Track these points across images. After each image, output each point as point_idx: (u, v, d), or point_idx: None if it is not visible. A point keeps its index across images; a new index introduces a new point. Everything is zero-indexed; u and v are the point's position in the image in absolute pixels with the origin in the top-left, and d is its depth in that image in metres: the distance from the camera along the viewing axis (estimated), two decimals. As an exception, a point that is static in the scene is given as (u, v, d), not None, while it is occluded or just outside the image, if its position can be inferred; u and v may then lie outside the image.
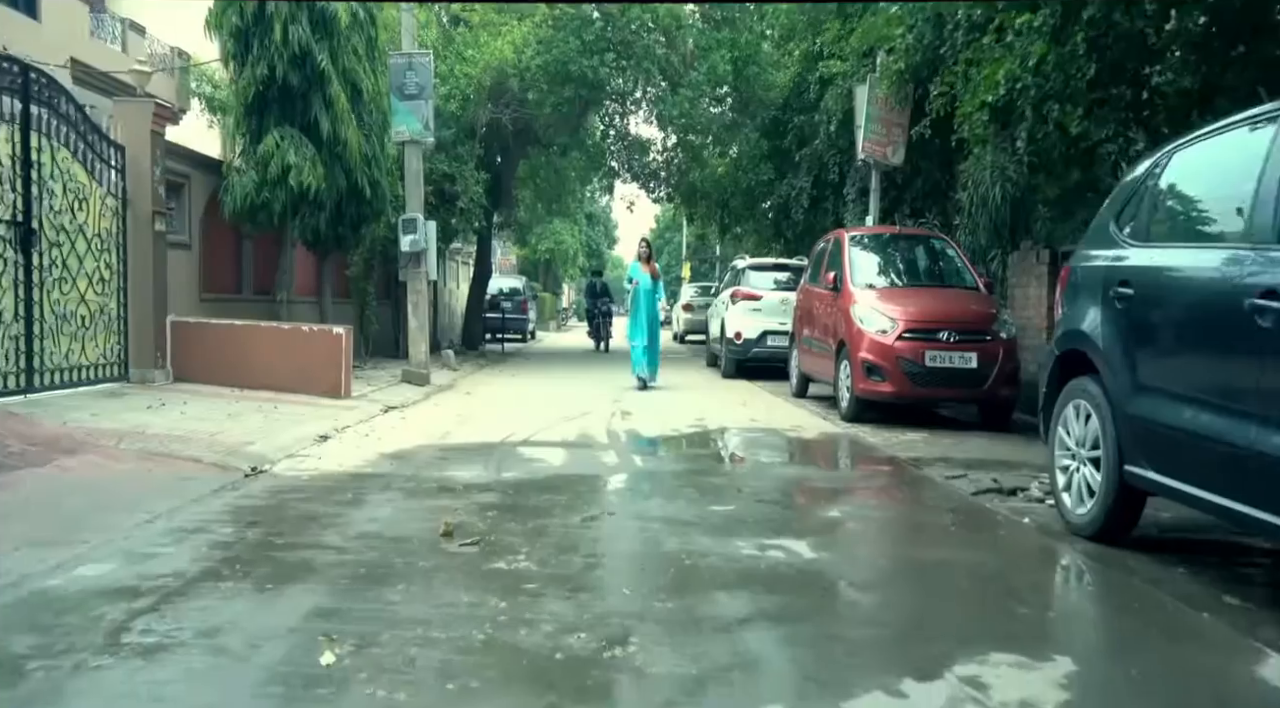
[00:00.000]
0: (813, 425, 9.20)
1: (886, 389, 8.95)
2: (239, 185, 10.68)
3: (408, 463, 6.54)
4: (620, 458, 6.98)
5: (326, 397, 9.79)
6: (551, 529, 4.62)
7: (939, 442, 8.12)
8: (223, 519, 4.69)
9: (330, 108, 11.04)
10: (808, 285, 11.88)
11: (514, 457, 6.93)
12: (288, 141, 10.71)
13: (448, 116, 16.76)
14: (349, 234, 12.84)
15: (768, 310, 15.06)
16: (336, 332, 9.87)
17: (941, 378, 8.83)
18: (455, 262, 28.42)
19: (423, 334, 13.12)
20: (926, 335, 8.91)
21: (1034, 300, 9.75)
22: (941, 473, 6.46)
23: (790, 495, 5.89)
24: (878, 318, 9.17)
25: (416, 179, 13.12)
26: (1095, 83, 8.46)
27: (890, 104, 15.23)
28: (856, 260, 10.25)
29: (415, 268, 13.10)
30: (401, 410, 9.86)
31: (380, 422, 8.81)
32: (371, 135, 12.45)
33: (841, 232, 11.09)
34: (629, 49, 17.70)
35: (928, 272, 10.38)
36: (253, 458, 6.26)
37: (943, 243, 10.60)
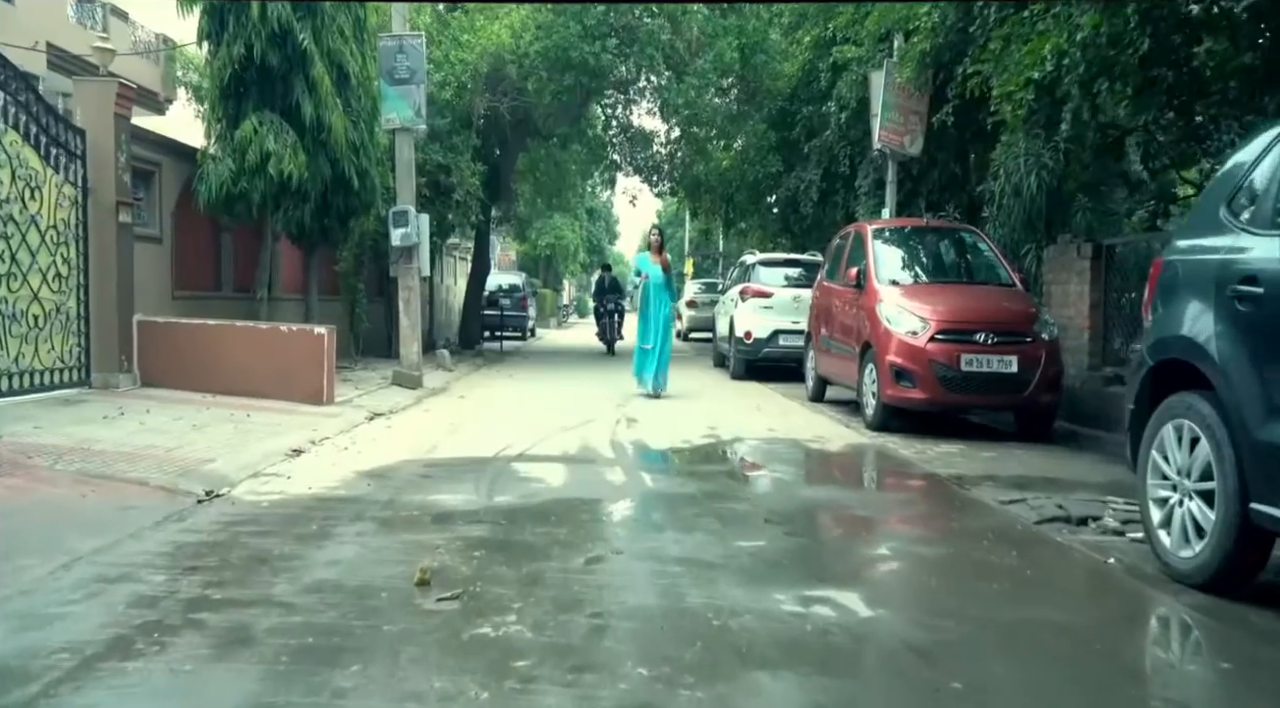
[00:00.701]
0: (836, 435, 8.43)
1: (917, 396, 8.17)
2: (214, 174, 9.90)
3: (387, 483, 5.76)
4: (627, 476, 6.21)
5: (307, 402, 9.02)
6: (549, 575, 3.84)
7: (978, 455, 7.34)
8: (155, 563, 3.91)
9: (313, 91, 10.25)
10: (825, 282, 11.09)
11: (508, 475, 6.16)
12: (267, 127, 9.93)
13: (442, 105, 15.98)
14: (336, 227, 12.06)
15: (779, 308, 14.29)
16: (318, 332, 9.09)
17: (978, 383, 8.05)
18: (453, 257, 27.65)
19: (415, 334, 12.35)
20: (961, 337, 8.14)
21: (1074, 298, 8.98)
22: (993, 496, 5.68)
23: (826, 526, 5.12)
24: (907, 318, 8.40)
25: (408, 169, 12.34)
26: (1147, 59, 7.67)
27: (909, 90, 14.47)
28: (881, 255, 9.47)
29: (407, 263, 12.32)
30: (388, 418, 9.09)
31: (363, 431, 8.04)
32: (360, 122, 11.66)
33: (864, 225, 10.31)
34: (632, 35, 16.91)
35: (959, 267, 9.59)
36: (210, 480, 5.48)
37: (974, 236, 9.81)
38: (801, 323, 13.88)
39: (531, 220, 35.84)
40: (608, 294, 21.10)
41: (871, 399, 8.73)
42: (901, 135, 14.62)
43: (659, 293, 11.67)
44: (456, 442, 7.61)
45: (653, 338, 11.51)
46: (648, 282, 11.67)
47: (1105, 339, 8.84)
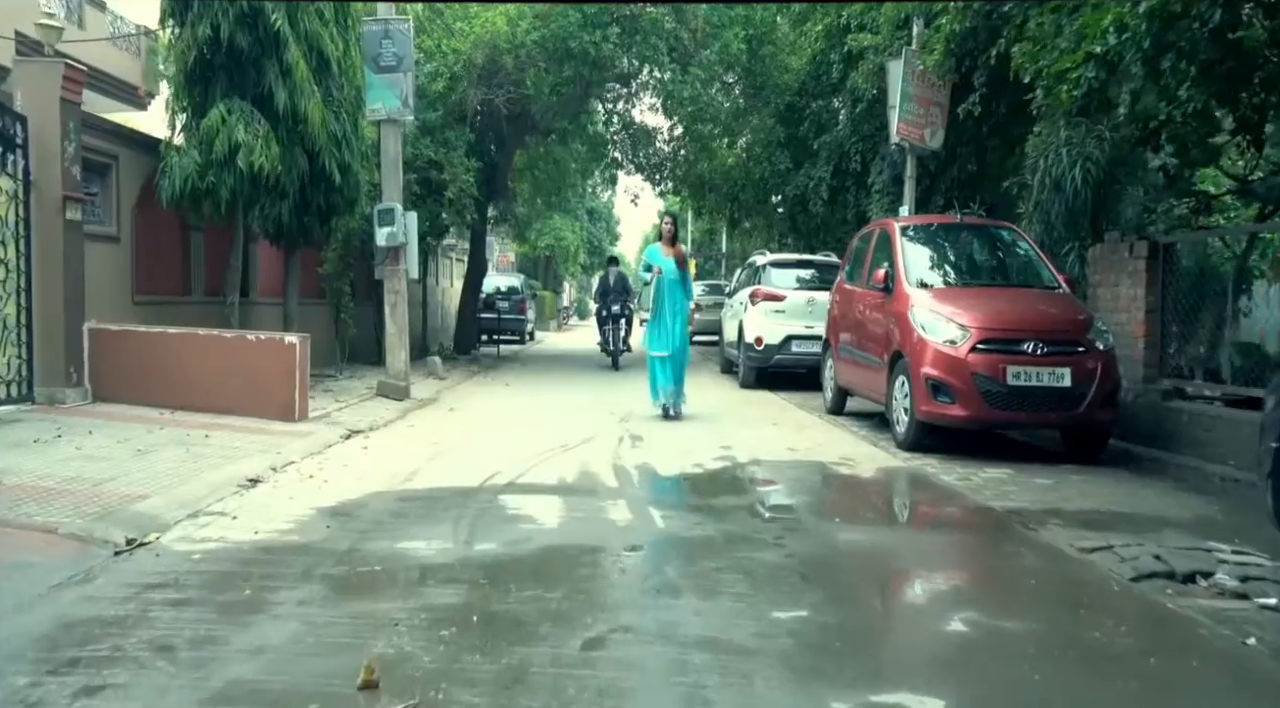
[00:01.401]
0: (864, 456, 7.54)
1: (957, 413, 7.28)
2: (178, 167, 9.01)
3: (350, 525, 4.88)
4: (633, 514, 5.31)
5: (277, 419, 8.14)
6: (535, 670, 2.96)
7: (1031, 482, 6.45)
8: (17, 656, 3.03)
9: (288, 77, 9.36)
10: (846, 285, 10.21)
11: (494, 513, 5.27)
12: (236, 115, 9.04)
13: (434, 97, 15.11)
14: (316, 226, 11.17)
15: (792, 312, 13.41)
16: (289, 341, 8.21)
17: (1027, 399, 7.16)
18: (449, 259, 26.78)
19: (401, 340, 11.47)
20: (1007, 346, 7.25)
21: (1125, 302, 8.10)
22: (1068, 539, 4.79)
23: (878, 586, 4.24)
24: (944, 325, 7.51)
25: (394, 164, 11.46)
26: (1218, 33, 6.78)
27: (929, 80, 13.60)
28: (911, 255, 8.58)
29: (393, 265, 11.44)
30: (367, 436, 8.20)
31: (335, 454, 7.15)
32: (342, 113, 10.78)
33: (889, 222, 9.42)
34: (634, 24, 16.03)
35: (997, 269, 8.70)
36: (136, 523, 4.60)
37: (1012, 234, 8.92)
38: (816, 328, 13.02)
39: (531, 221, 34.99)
40: (612, 294, 17.19)
41: (903, 415, 7.84)
42: (921, 128, 13.76)
43: (673, 291, 9.89)
44: (439, 467, 6.72)
45: (667, 343, 9.79)
46: (660, 278, 9.86)
47: (1163, 348, 7.95)
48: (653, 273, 9.91)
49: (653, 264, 9.96)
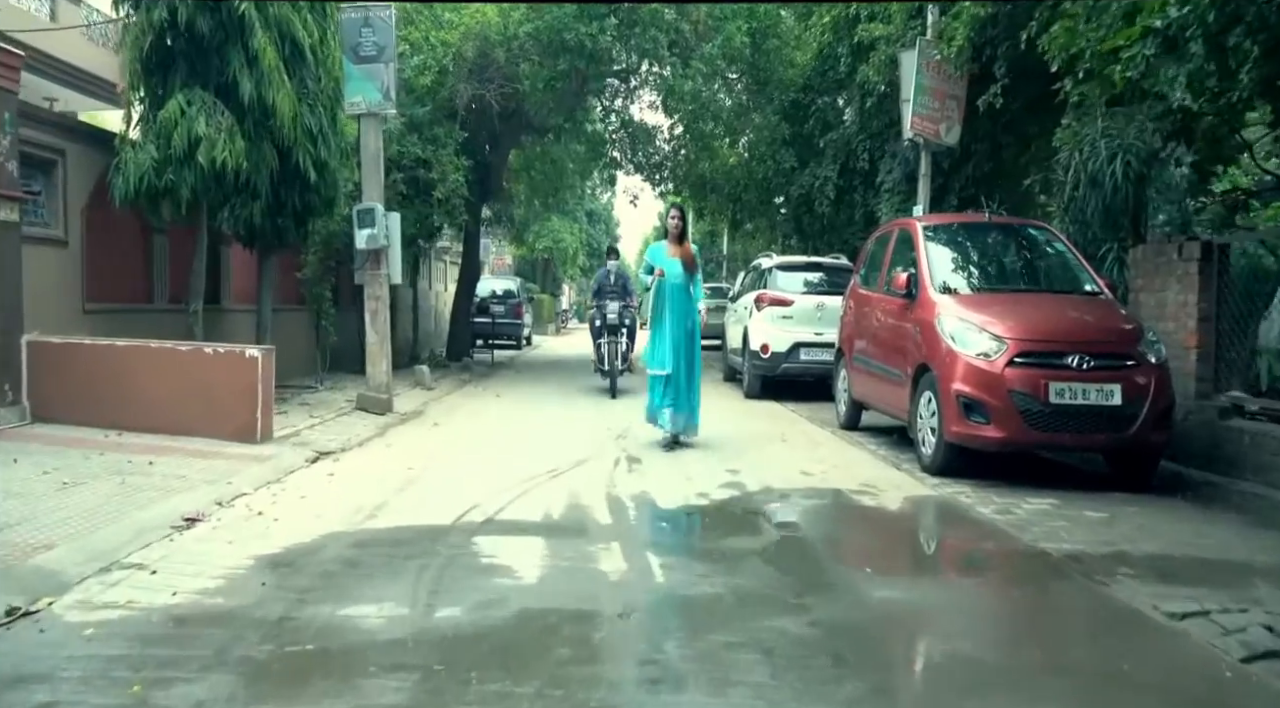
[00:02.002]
0: (887, 482, 6.75)
1: (993, 434, 6.49)
2: (133, 163, 8.23)
3: (289, 582, 4.09)
4: (628, 562, 4.52)
5: (237, 440, 7.37)
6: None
7: (1081, 516, 5.66)
8: None
9: (254, 65, 8.58)
10: (861, 289, 9.43)
11: (464, 562, 4.48)
12: (197, 107, 8.27)
13: (422, 92, 14.34)
14: (291, 228, 10.39)
15: (800, 318, 12.64)
16: (250, 354, 7.43)
17: (1071, 419, 6.37)
18: (443, 262, 26.02)
19: (383, 350, 10.69)
20: (1049, 360, 6.46)
21: (1174, 309, 7.33)
22: (1147, 597, 4.01)
23: (930, 672, 3.45)
24: (977, 335, 6.73)
25: (375, 161, 10.69)
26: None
27: (945, 71, 12.84)
28: (935, 258, 7.79)
29: (374, 269, 10.67)
30: (336, 458, 7.43)
31: (296, 483, 6.36)
32: (318, 106, 9.99)
33: (911, 221, 8.64)
34: (633, 15, 15.25)
35: (1031, 272, 7.91)
36: (28, 583, 3.82)
37: (1046, 235, 8.13)
38: (826, 334, 12.27)
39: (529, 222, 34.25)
40: (610, 295, 12.97)
41: (929, 436, 7.06)
42: (936, 123, 13.00)
43: (680, 298, 8.26)
44: (411, 498, 5.94)
45: (671, 360, 8.15)
46: (663, 281, 8.23)
47: (1218, 360, 7.17)
48: (655, 276, 8.30)
49: (655, 265, 8.36)
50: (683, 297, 8.33)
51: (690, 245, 8.58)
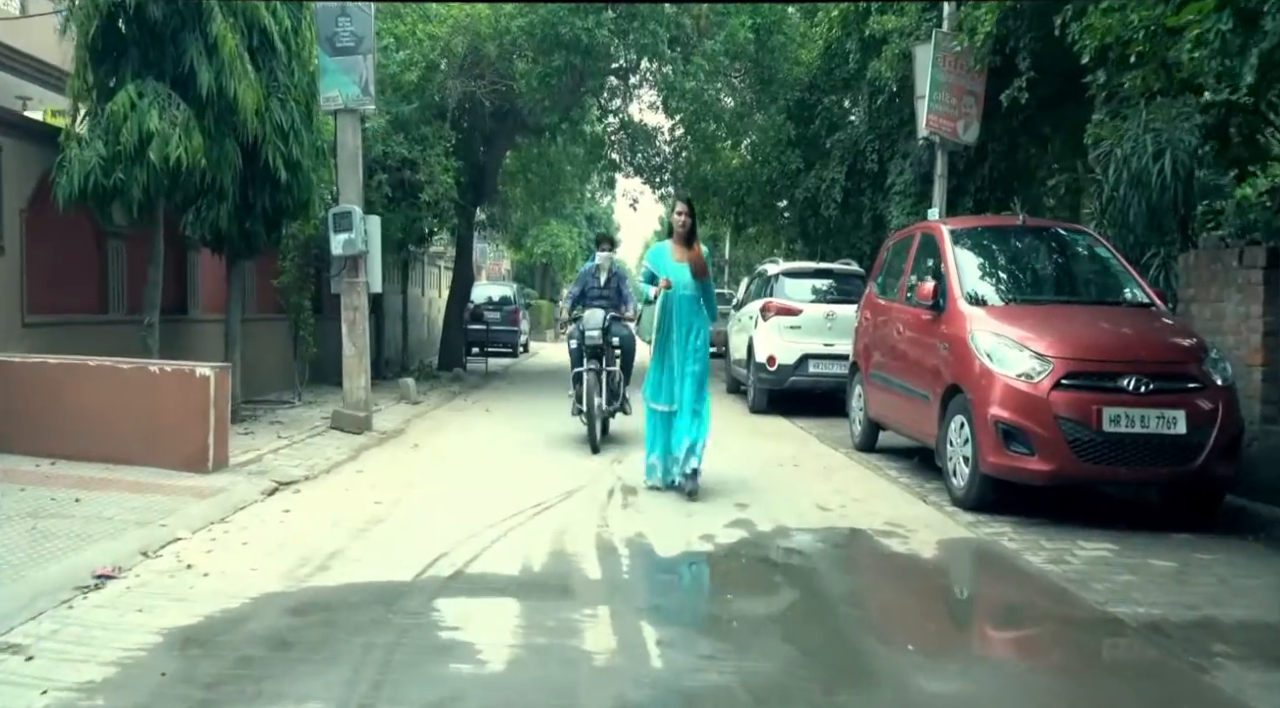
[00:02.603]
0: (916, 520, 5.95)
1: (1037, 467, 5.70)
2: (78, 161, 7.46)
3: (196, 672, 3.30)
4: (618, 636, 3.73)
5: (186, 469, 6.58)
6: None
7: (1147, 565, 4.88)
8: None
9: (213, 54, 7.82)
10: (879, 299, 8.65)
11: (418, 639, 3.69)
12: (149, 99, 7.50)
13: (408, 89, 13.57)
14: (261, 232, 9.59)
15: (809, 328, 11.87)
16: (200, 374, 6.64)
17: (1128, 449, 5.58)
18: (436, 267, 25.26)
19: (361, 364, 9.92)
20: (1101, 382, 5.68)
21: (1234, 322, 6.55)
22: (1255, 687, 3.23)
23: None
24: (1016, 353, 5.94)
25: (353, 160, 9.94)
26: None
27: (963, 66, 12.10)
28: (965, 265, 7.01)
29: (352, 277, 9.91)
30: (297, 490, 6.64)
31: (242, 523, 5.57)
32: (289, 100, 9.21)
33: (936, 224, 7.85)
34: (632, 8, 14.48)
35: (1073, 281, 7.12)
36: None
37: (1087, 239, 7.34)
38: (836, 345, 11.53)
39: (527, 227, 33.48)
40: (597, 301, 9.28)
41: (962, 466, 6.27)
42: (954, 120, 12.26)
43: (689, 313, 6.71)
44: (371, 543, 5.15)
45: (678, 392, 6.66)
46: (668, 294, 6.70)
47: (1287, 380, 6.39)
48: (659, 286, 6.74)
49: (658, 274, 6.80)
50: (692, 312, 6.72)
51: (701, 247, 6.81)
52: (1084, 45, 8.57)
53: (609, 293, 9.28)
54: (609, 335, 8.75)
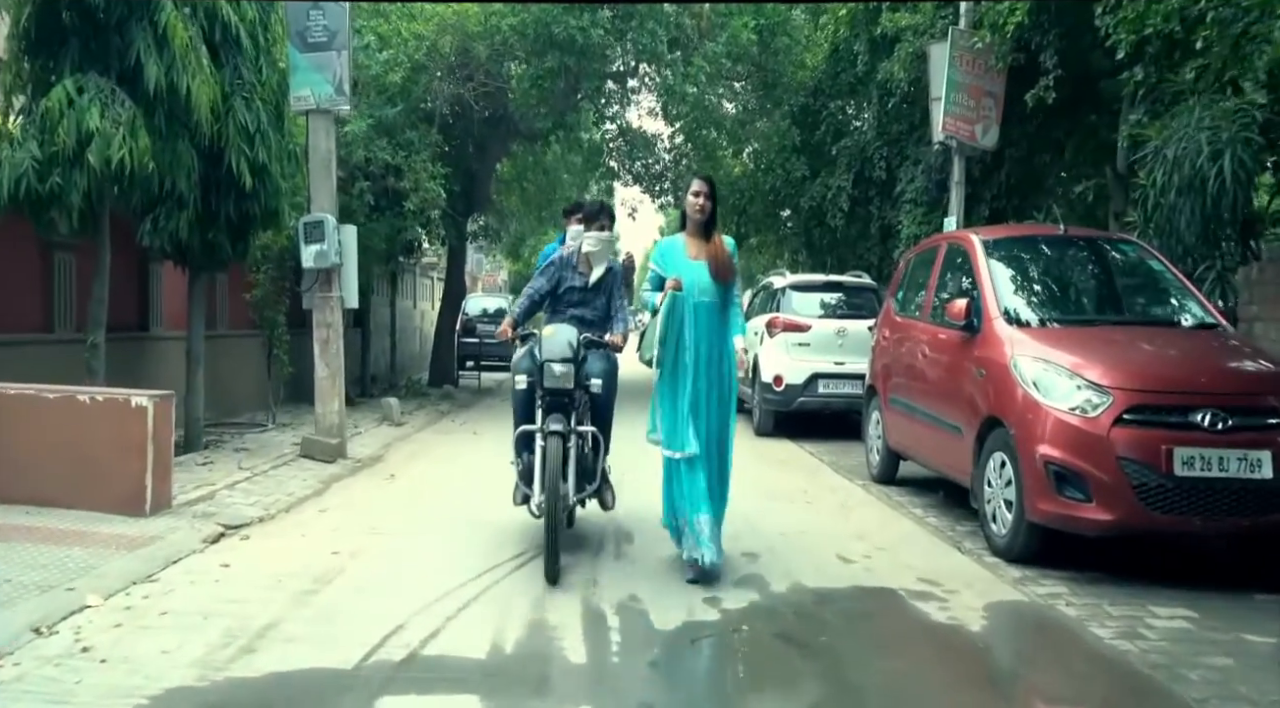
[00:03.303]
0: (954, 575, 5.15)
1: (1097, 516, 4.90)
2: (9, 163, 6.68)
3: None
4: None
5: (120, 512, 5.80)
6: None
7: (1242, 643, 4.08)
8: None
9: (163, 47, 7.06)
10: (899, 316, 7.87)
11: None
12: (90, 95, 6.74)
13: (393, 91, 12.82)
14: (225, 243, 8.81)
15: (818, 346, 11.09)
16: (137, 403, 5.85)
17: (1204, 496, 4.78)
18: (429, 278, 24.54)
19: (335, 386, 9.13)
20: (1170, 417, 4.90)
21: (1307, 345, 5.82)
22: None
23: None
24: (1067, 383, 5.15)
25: (326, 165, 9.17)
26: None
27: (981, 66, 11.37)
28: (1001, 280, 6.22)
29: (325, 291, 9.14)
30: (245, 536, 5.84)
31: (166, 585, 4.75)
32: (256, 100, 8.44)
33: (966, 235, 7.05)
34: (630, 7, 13.74)
35: (1125, 299, 6.32)
36: None
37: (1138, 251, 6.54)
38: (848, 364, 10.79)
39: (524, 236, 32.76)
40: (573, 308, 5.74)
41: (1003, 510, 5.47)
42: (972, 123, 11.52)
43: (709, 326, 5.13)
44: (316, 611, 4.35)
45: (701, 431, 5.03)
46: (680, 300, 5.08)
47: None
48: (667, 289, 5.08)
49: (668, 272, 5.17)
50: (713, 325, 5.11)
51: (723, 240, 5.27)
52: (1120, 39, 7.86)
53: (594, 298, 5.70)
54: (582, 371, 5.23)
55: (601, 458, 5.36)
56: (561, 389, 5.07)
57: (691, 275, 5.15)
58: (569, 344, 5.13)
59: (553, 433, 4.92)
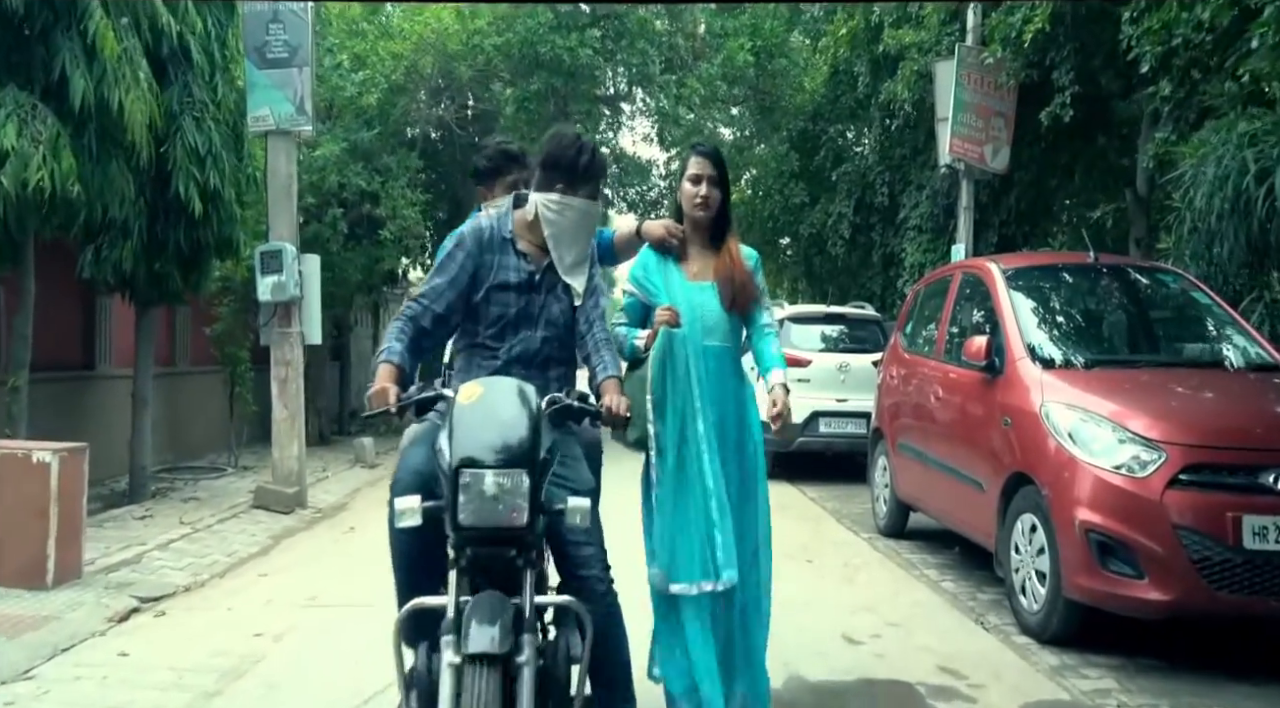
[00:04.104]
0: (980, 663, 4.37)
1: (1151, 597, 4.14)
2: (-87, 186, 6.04)
3: None
4: None
5: (18, 585, 5.06)
6: None
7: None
8: None
9: (93, 59, 6.40)
10: (907, 353, 7.15)
11: None
12: (6, 111, 6.04)
13: (369, 113, 12.17)
14: (174, 274, 8.14)
15: (820, 382, 10.34)
16: (39, 459, 5.11)
17: (1276, 573, 4.04)
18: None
19: (294, 428, 8.39)
20: (1236, 479, 4.15)
21: (1378, 390, 5.08)
22: None
23: None
24: (1109, 436, 4.40)
25: (286, 190, 8.48)
26: None
27: (990, 84, 10.76)
28: (1025, 315, 5.49)
29: (284, 327, 8.43)
30: (160, 611, 5.07)
31: (45, 681, 3.98)
32: (207, 119, 7.80)
33: (983, 263, 6.31)
34: (620, 26, 13.14)
35: (1168, 337, 5.59)
36: None
37: (1180, 282, 5.81)
38: (850, 401, 10.07)
39: (520, 266, 32.12)
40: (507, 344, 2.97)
41: (1035, 582, 4.71)
42: (980, 144, 10.90)
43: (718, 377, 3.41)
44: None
45: (721, 550, 3.25)
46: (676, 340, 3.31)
47: None
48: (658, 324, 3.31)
49: (653, 301, 3.42)
50: (725, 379, 3.44)
51: (739, 249, 3.51)
52: (1145, 51, 7.22)
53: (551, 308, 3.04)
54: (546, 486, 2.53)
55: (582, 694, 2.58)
56: (503, 533, 2.40)
57: (692, 304, 3.36)
58: (519, 421, 2.47)
59: (478, 660, 2.25)
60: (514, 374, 2.78)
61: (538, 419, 2.49)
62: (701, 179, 3.41)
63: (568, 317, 3.02)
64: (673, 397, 3.31)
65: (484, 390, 2.55)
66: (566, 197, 2.94)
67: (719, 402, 3.40)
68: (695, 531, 3.26)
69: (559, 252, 2.98)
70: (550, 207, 2.94)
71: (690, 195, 3.42)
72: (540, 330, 2.98)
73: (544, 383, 2.86)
